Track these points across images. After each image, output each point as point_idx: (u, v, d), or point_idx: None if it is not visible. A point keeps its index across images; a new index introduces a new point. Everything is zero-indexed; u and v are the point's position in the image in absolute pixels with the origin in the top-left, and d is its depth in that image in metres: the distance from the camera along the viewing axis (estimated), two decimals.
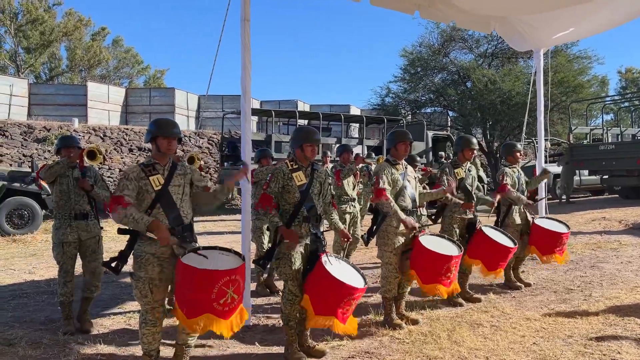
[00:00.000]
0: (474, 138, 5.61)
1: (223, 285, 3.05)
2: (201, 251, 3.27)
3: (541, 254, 5.70)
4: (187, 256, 3.18)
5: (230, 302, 3.13)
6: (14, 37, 30.88)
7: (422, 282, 4.39)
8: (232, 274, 3.10)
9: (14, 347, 4.09)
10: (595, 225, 9.91)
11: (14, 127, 18.96)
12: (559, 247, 5.67)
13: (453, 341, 4.02)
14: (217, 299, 3.06)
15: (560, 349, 3.79)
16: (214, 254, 3.30)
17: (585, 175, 16.24)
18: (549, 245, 5.64)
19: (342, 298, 3.57)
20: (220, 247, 3.39)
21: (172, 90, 26.31)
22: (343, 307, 3.60)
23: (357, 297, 3.67)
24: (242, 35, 4.62)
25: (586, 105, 18.24)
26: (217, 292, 3.04)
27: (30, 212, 10.58)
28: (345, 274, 3.70)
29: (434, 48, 22.40)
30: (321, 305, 3.61)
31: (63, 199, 4.55)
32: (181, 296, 3.17)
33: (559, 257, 5.70)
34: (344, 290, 3.55)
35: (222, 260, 3.25)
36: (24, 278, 6.85)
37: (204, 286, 3.04)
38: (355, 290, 3.60)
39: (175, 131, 3.41)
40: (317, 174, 3.93)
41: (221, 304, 3.08)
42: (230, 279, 3.08)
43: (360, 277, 3.81)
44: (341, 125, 16.90)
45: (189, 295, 3.10)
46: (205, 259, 3.18)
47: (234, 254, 3.36)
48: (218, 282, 3.04)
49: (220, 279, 3.05)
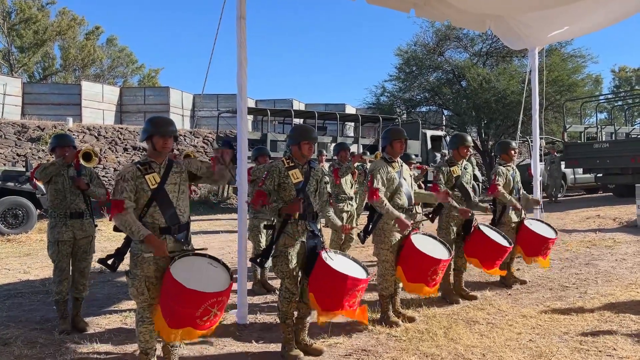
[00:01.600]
0: (469, 135, 5.62)
1: (209, 305, 3.08)
2: (191, 257, 3.28)
3: (526, 255, 5.70)
4: (175, 266, 3.16)
5: (213, 318, 3.18)
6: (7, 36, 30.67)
7: (407, 279, 4.39)
8: (220, 295, 3.12)
9: (9, 346, 4.07)
10: (589, 223, 9.96)
11: (7, 126, 18.85)
12: (543, 251, 5.67)
13: (450, 338, 4.03)
14: (201, 316, 3.10)
15: (557, 345, 3.81)
16: (203, 264, 3.31)
17: (580, 173, 16.33)
18: (535, 247, 5.63)
19: (347, 291, 3.59)
20: (209, 256, 3.38)
21: (166, 90, 26.21)
22: (349, 299, 3.62)
23: (362, 288, 3.69)
24: (237, 33, 4.61)
25: (580, 104, 18.33)
26: (203, 311, 3.08)
27: (24, 211, 10.52)
28: (346, 267, 3.72)
29: (429, 47, 22.44)
30: (327, 301, 3.62)
31: (58, 198, 4.53)
32: (166, 306, 3.17)
33: (542, 261, 5.71)
34: (347, 283, 3.56)
35: (209, 275, 3.25)
36: (18, 278, 6.82)
37: (190, 304, 3.06)
38: (359, 282, 3.62)
39: (172, 129, 3.40)
40: (314, 172, 3.93)
41: (204, 320, 3.13)
42: (217, 300, 3.11)
43: (361, 269, 3.84)
44: (337, 124, 16.90)
45: (175, 308, 3.12)
46: (193, 272, 3.18)
47: (223, 266, 3.35)
48: (205, 303, 3.06)
49: (208, 300, 3.07)
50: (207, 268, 3.30)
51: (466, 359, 3.65)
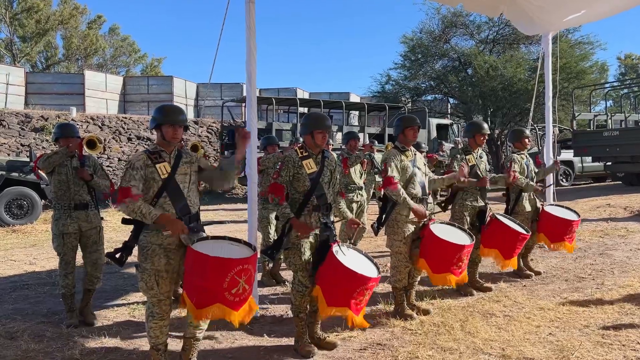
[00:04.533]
0: (485, 123, 5.48)
1: (236, 274, 2.95)
2: (211, 240, 3.16)
3: (550, 241, 5.59)
4: (197, 244, 3.08)
5: (242, 293, 3.04)
6: (9, 26, 30.47)
7: (432, 271, 4.26)
8: (245, 262, 3.01)
9: (16, 340, 3.99)
10: (600, 212, 9.81)
11: (11, 116, 18.76)
12: (568, 235, 5.56)
13: (467, 332, 3.92)
14: (229, 288, 2.96)
15: (578, 339, 3.69)
16: (224, 244, 3.21)
17: (588, 162, 16.15)
18: (559, 232, 5.54)
19: (355, 288, 3.46)
20: (229, 237, 3.29)
21: (170, 79, 26.06)
22: (356, 297, 3.49)
23: (371, 287, 3.55)
24: (246, 18, 4.46)
25: (589, 92, 18.08)
26: (230, 281, 2.94)
27: (29, 202, 10.46)
28: (357, 263, 3.59)
29: (435, 34, 22.15)
30: (334, 297, 3.49)
31: (62, 189, 4.42)
32: (191, 285, 3.06)
33: (568, 245, 5.60)
34: (357, 281, 3.43)
35: (232, 250, 3.15)
36: (24, 269, 6.74)
37: (216, 274, 2.94)
38: (368, 280, 3.48)
39: (182, 118, 3.28)
40: (328, 161, 3.81)
41: (232, 293, 2.99)
42: (243, 268, 2.99)
43: (373, 266, 3.70)
44: (342, 113, 16.72)
45: (200, 284, 2.99)
46: (216, 247, 3.08)
47: (244, 244, 3.27)
48: (231, 271, 2.94)
49: (234, 267, 2.95)
50: (228, 247, 3.20)
51: (485, 353, 3.54)
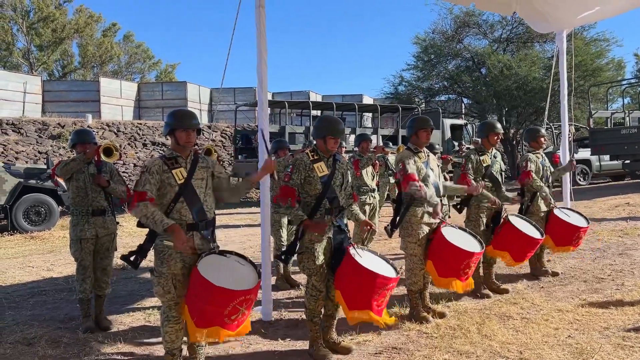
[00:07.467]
0: (498, 122, 5.42)
1: (238, 304, 3.00)
2: (217, 255, 3.22)
3: (555, 245, 5.44)
4: (203, 264, 3.09)
5: (241, 317, 3.09)
6: (26, 35, 31.00)
7: (438, 274, 4.22)
8: (249, 293, 3.05)
9: (33, 346, 4.02)
10: (619, 212, 9.64)
11: (28, 124, 19.05)
12: (575, 241, 5.44)
13: (483, 335, 3.87)
14: (229, 315, 3.02)
15: (598, 342, 3.62)
16: (230, 262, 3.25)
17: (605, 160, 15.91)
18: (566, 237, 5.40)
19: (377, 290, 3.44)
20: (236, 253, 3.32)
21: (184, 84, 26.31)
22: (377, 299, 3.47)
23: (391, 287, 3.54)
24: (257, 23, 4.47)
25: (606, 89, 17.82)
26: (231, 309, 3.00)
27: (47, 208, 10.61)
28: (375, 264, 3.57)
29: (448, 34, 22.07)
30: (355, 300, 3.47)
31: (80, 195, 4.47)
32: (193, 304, 3.09)
33: (572, 249, 5.52)
34: (377, 282, 3.41)
35: (237, 271, 3.19)
36: (42, 275, 6.82)
37: (219, 302, 2.99)
38: (389, 281, 3.47)
39: (194, 122, 3.30)
40: (339, 164, 3.80)
41: (232, 319, 3.04)
42: (246, 298, 3.03)
43: (390, 267, 3.68)
44: (355, 115, 16.70)
45: (202, 306, 3.03)
46: (222, 268, 3.13)
47: (250, 264, 3.29)
48: (234, 301, 2.99)
49: (237, 298, 3.00)
50: (234, 266, 3.23)
51: (503, 356, 3.48)
